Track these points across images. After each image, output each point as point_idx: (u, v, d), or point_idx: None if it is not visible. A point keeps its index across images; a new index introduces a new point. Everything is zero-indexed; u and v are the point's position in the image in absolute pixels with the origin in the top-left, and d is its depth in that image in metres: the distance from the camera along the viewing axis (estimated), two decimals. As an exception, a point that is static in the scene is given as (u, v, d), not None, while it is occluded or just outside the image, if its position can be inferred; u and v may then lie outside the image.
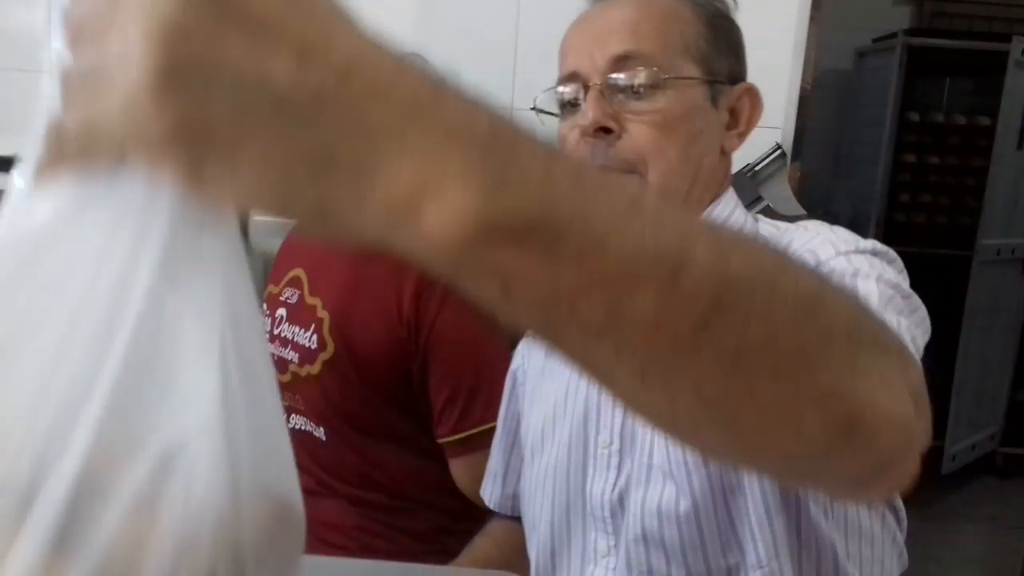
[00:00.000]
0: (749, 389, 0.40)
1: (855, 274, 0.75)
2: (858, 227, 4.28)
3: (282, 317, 1.47)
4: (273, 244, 1.69)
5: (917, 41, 4.12)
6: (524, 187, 0.34)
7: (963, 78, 4.63)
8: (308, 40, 0.31)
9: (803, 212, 1.95)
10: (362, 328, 1.36)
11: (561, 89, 0.90)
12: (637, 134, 0.85)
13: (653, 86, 0.84)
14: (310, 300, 1.44)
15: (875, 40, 4.44)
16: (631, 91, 0.84)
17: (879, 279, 0.75)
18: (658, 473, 0.84)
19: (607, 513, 0.88)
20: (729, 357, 0.39)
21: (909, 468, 0.48)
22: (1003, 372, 4.38)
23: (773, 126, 2.19)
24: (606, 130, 0.85)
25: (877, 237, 4.22)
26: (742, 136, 0.92)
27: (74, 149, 0.34)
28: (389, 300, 1.36)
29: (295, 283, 1.49)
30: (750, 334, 0.39)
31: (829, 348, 0.43)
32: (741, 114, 0.92)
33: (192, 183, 0.32)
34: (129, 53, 0.30)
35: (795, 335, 0.41)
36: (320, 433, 1.40)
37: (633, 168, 0.85)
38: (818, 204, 4.53)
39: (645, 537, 0.84)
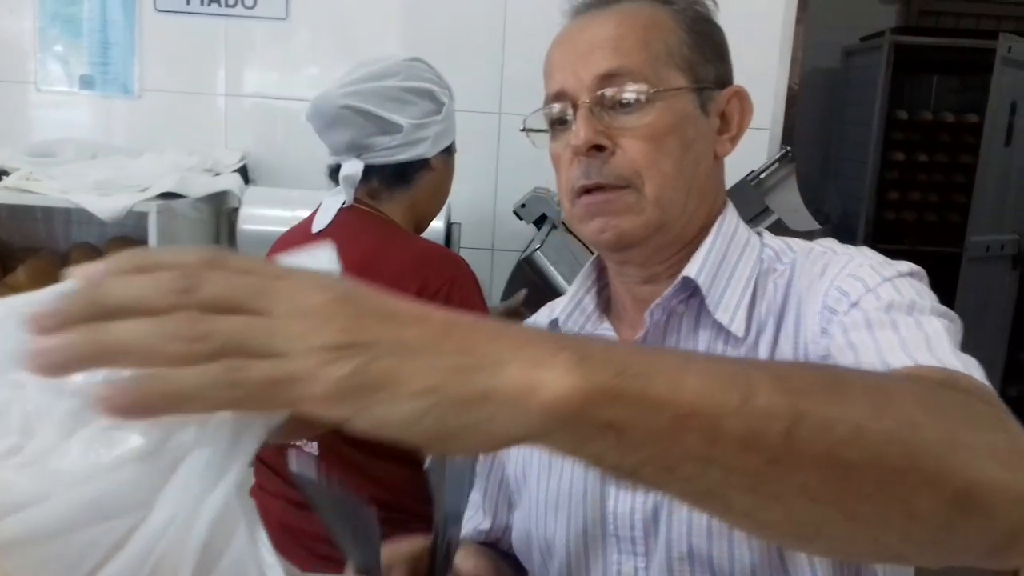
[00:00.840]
0: (853, 484, 0.46)
1: (911, 307, 0.76)
2: (848, 225, 4.28)
3: None
4: (262, 254, 1.68)
5: (904, 39, 4.13)
6: (602, 361, 0.44)
7: (950, 76, 4.65)
8: (420, 314, 0.45)
9: (817, 226, 1.84)
10: None
11: (549, 108, 0.90)
12: (630, 149, 0.84)
13: (642, 100, 0.84)
14: None
15: (862, 39, 4.46)
16: (620, 106, 0.84)
17: (933, 311, 0.77)
18: None
19: (637, 533, 0.85)
20: (823, 459, 0.46)
21: None
22: (994, 368, 4.39)
23: (762, 127, 2.19)
24: (599, 148, 0.85)
25: (867, 235, 4.24)
26: (734, 140, 0.91)
27: (202, 399, 0.39)
28: None
29: None
30: (833, 435, 0.46)
31: (916, 433, 0.47)
32: (732, 118, 0.91)
33: (359, 424, 0.41)
34: (294, 332, 0.40)
35: (877, 427, 0.47)
36: (312, 448, 1.39)
37: (629, 183, 0.84)
38: (808, 203, 4.52)
39: (691, 556, 0.82)
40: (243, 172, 2.24)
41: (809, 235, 1.78)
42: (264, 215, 2.06)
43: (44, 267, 2.14)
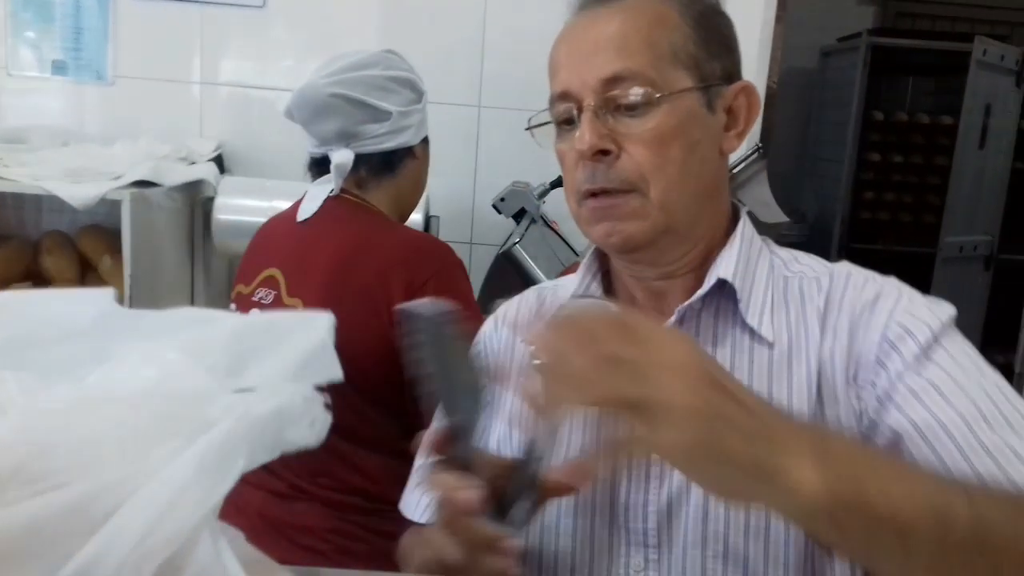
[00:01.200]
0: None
1: (981, 371, 0.79)
2: (823, 225, 4.30)
3: None
4: (238, 244, 1.66)
5: (881, 41, 4.16)
6: (840, 473, 0.60)
7: (926, 78, 4.69)
8: (745, 395, 0.62)
9: (785, 219, 1.88)
10: (348, 330, 1.34)
11: (554, 109, 0.89)
12: (636, 153, 0.84)
13: (647, 103, 0.83)
14: (289, 300, 1.42)
15: (840, 39, 4.49)
16: (625, 109, 0.84)
17: (982, 371, 0.80)
18: None
19: (650, 526, 0.84)
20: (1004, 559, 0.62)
21: None
22: (966, 368, 4.44)
23: (740, 123, 2.20)
24: (604, 152, 0.84)
25: (842, 235, 4.26)
26: (741, 136, 0.91)
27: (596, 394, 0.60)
28: (377, 301, 1.34)
29: (270, 283, 1.46)
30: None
31: None
32: (739, 113, 0.90)
33: (692, 447, 0.59)
34: (664, 381, 0.59)
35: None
36: None
37: (634, 187, 0.84)
38: (784, 203, 4.55)
39: (727, 554, 0.82)
40: (218, 161, 2.21)
41: (778, 227, 1.82)
42: (240, 205, 2.04)
43: (15, 255, 2.10)
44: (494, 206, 2.08)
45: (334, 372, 0.49)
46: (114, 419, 0.40)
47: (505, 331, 1.00)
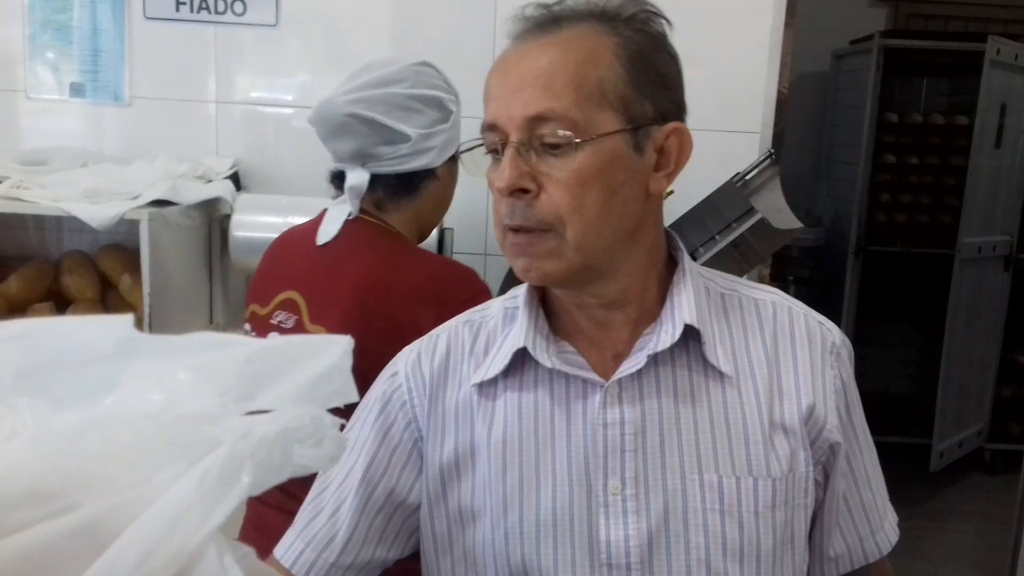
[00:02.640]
0: None
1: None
2: (840, 228, 4.29)
3: None
4: (254, 260, 1.67)
5: (893, 42, 4.15)
6: None
7: (940, 78, 4.68)
8: None
9: (798, 224, 1.85)
10: (375, 359, 1.30)
11: (482, 138, 0.90)
12: (554, 194, 0.84)
13: (569, 145, 0.82)
14: (313, 328, 1.40)
15: (852, 42, 4.48)
16: (549, 148, 0.84)
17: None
18: (713, 514, 0.86)
19: (633, 560, 0.86)
20: None
21: None
22: (987, 369, 4.41)
23: (752, 131, 2.20)
24: (523, 190, 0.84)
25: (859, 238, 4.26)
26: (671, 176, 0.90)
27: None
28: (405, 330, 1.30)
29: (289, 306, 1.45)
30: None
31: None
32: (670, 154, 0.89)
33: None
34: None
35: None
36: None
37: (551, 227, 0.84)
38: (800, 207, 4.55)
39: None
40: (234, 179, 2.24)
41: (791, 233, 1.81)
42: (256, 221, 2.06)
43: (37, 275, 2.13)
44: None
45: (350, 394, 0.49)
46: (121, 442, 0.41)
47: (432, 367, 0.97)
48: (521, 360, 0.92)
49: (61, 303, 2.11)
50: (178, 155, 2.20)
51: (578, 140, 0.82)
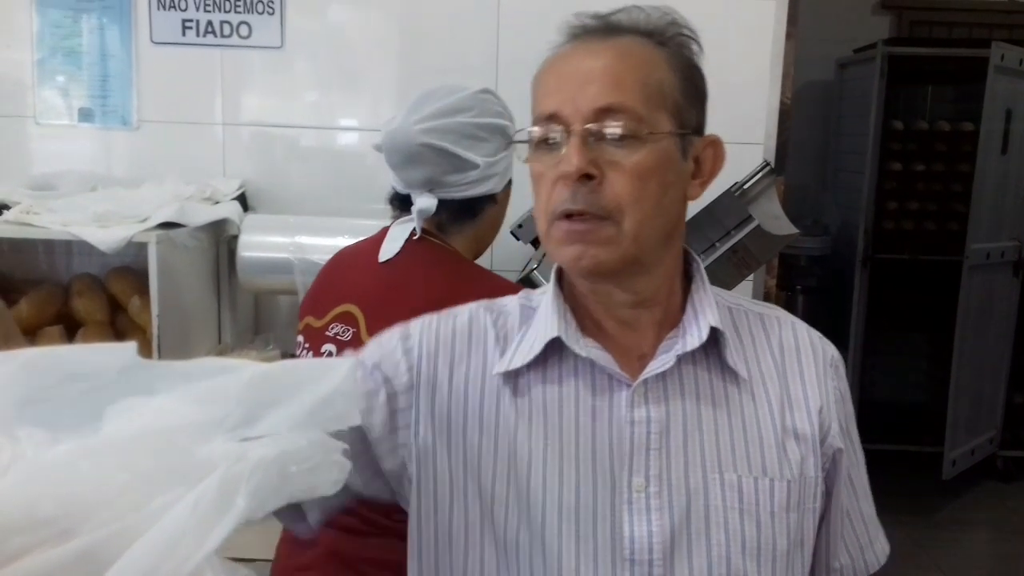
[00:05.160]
0: None
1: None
2: (847, 236, 4.29)
3: (330, 353, 1.45)
4: (262, 281, 1.68)
5: (897, 50, 4.16)
6: None
7: (945, 85, 4.68)
8: None
9: (795, 231, 1.90)
10: None
11: (539, 128, 0.91)
12: (617, 183, 0.87)
13: (633, 138, 0.86)
14: (369, 340, 1.41)
15: (856, 51, 4.48)
16: (612, 140, 0.87)
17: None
18: (733, 512, 0.89)
19: (656, 556, 0.88)
20: None
21: None
22: (999, 376, 4.39)
23: (755, 142, 2.21)
24: (588, 176, 0.87)
25: (867, 246, 4.26)
26: (704, 185, 0.96)
27: None
28: None
29: (347, 319, 1.46)
30: None
31: None
32: (705, 164, 0.95)
33: None
34: None
35: None
36: None
37: (610, 215, 0.87)
38: (807, 216, 4.56)
39: (730, 574, 0.88)
40: (242, 200, 2.25)
41: (788, 239, 1.85)
42: (263, 242, 2.07)
43: (47, 298, 2.15)
44: (512, 233, 2.10)
45: (351, 418, 0.50)
46: (116, 468, 0.42)
47: (453, 329, 0.99)
48: (547, 352, 0.93)
49: (71, 326, 2.12)
50: (186, 177, 2.22)
51: (646, 132, 0.87)
